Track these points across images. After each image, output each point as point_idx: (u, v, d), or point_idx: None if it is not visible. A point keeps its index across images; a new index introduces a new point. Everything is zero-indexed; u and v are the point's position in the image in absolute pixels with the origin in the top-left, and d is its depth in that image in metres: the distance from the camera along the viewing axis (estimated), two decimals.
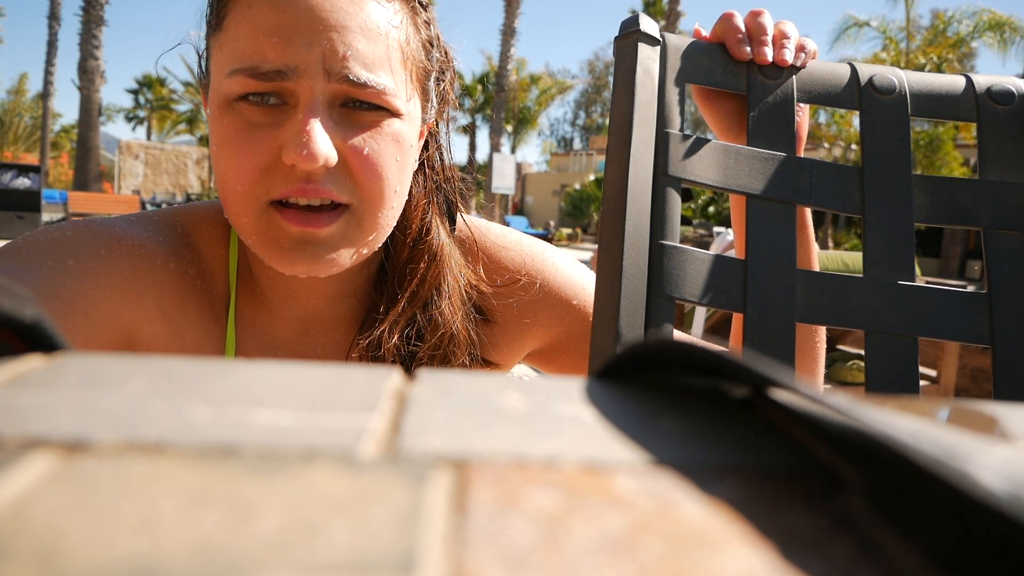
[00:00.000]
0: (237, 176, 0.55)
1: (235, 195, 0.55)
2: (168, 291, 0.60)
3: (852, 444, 0.18)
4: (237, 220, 0.57)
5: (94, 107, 17.57)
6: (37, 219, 11.91)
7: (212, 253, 0.65)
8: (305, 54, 0.53)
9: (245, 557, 0.12)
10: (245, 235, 0.57)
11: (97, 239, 0.58)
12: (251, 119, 0.55)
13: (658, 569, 0.13)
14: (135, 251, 0.59)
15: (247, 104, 0.55)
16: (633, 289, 0.63)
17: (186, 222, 0.65)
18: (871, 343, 0.67)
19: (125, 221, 0.62)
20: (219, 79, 0.56)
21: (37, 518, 0.13)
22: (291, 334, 0.66)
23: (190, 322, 0.62)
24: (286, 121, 0.54)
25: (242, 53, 0.54)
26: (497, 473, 0.16)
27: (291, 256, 0.56)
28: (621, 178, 0.65)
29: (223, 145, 0.55)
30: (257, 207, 0.55)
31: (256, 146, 0.54)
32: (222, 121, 0.55)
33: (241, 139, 0.54)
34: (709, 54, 0.72)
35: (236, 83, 0.54)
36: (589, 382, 0.24)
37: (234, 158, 0.55)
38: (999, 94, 0.73)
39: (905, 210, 0.70)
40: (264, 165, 0.54)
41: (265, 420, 0.18)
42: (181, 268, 0.62)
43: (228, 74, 0.54)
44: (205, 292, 0.63)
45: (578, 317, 0.72)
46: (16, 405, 0.18)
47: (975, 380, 3.39)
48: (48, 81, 23.72)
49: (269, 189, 0.55)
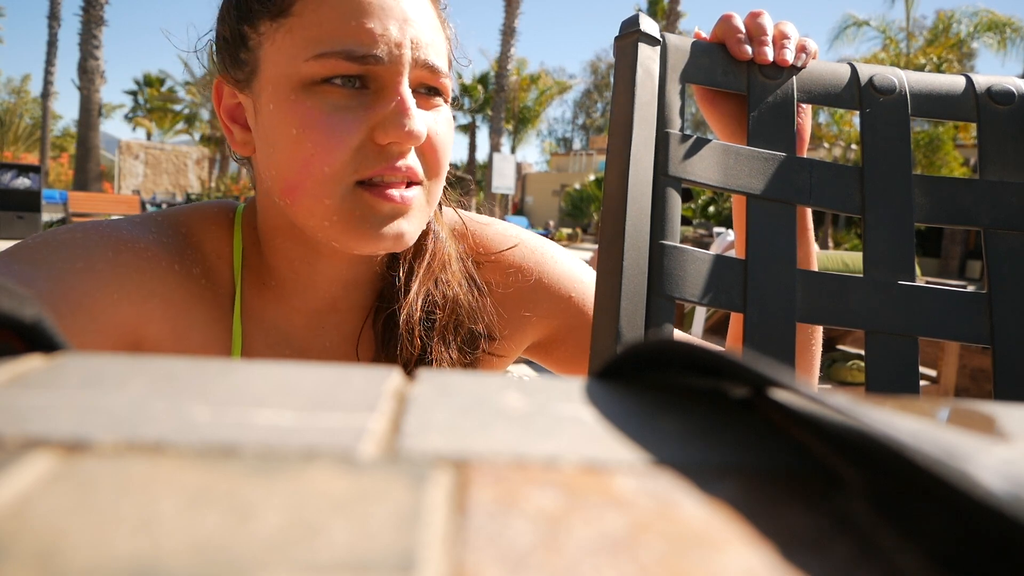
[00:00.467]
0: (326, 158, 0.55)
1: (320, 177, 0.56)
2: (174, 292, 0.61)
3: (852, 444, 0.18)
4: (317, 204, 0.57)
5: (94, 107, 17.57)
6: (37, 219, 11.90)
7: (216, 251, 0.65)
8: (396, 39, 0.55)
9: (245, 557, 0.12)
10: (323, 217, 0.57)
11: (105, 241, 0.59)
12: (338, 101, 0.55)
13: (658, 569, 0.13)
14: (141, 253, 0.60)
15: (332, 86, 0.55)
16: (633, 289, 0.63)
17: (189, 222, 0.66)
18: (871, 343, 0.67)
19: (130, 223, 0.63)
20: (293, 63, 0.56)
21: (37, 518, 0.13)
22: (301, 325, 0.67)
23: (195, 320, 0.62)
24: (374, 103, 0.56)
25: (330, 37, 0.55)
26: (497, 473, 0.16)
27: (380, 232, 0.57)
28: (621, 178, 0.65)
29: (307, 128, 0.55)
30: (344, 188, 0.56)
31: (347, 127, 0.55)
32: (304, 104, 0.55)
33: (330, 121, 0.55)
34: (709, 54, 0.72)
35: (323, 66, 0.55)
36: (589, 382, 0.24)
37: (323, 140, 0.55)
38: (999, 94, 0.73)
39: (905, 210, 0.70)
40: (356, 145, 0.56)
41: (265, 420, 0.18)
42: (185, 268, 0.62)
43: (313, 57, 0.55)
44: (209, 290, 0.64)
45: (576, 311, 0.73)
46: (16, 405, 0.18)
47: (975, 380, 3.39)
48: (48, 81, 23.73)
49: (357, 169, 0.56)
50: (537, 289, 0.72)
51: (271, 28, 0.57)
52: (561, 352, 0.75)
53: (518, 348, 0.74)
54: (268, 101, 0.57)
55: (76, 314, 0.54)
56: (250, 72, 0.59)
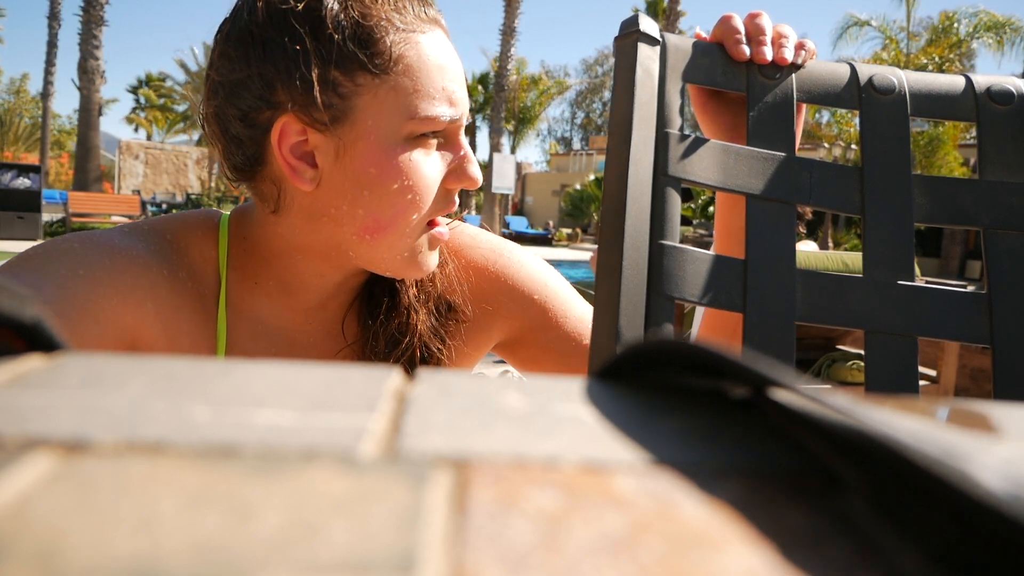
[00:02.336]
0: (421, 204, 0.63)
1: (409, 221, 0.63)
2: (164, 295, 0.65)
3: (852, 444, 0.18)
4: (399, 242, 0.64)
5: (94, 107, 17.56)
6: (37, 219, 11.90)
7: (201, 254, 0.69)
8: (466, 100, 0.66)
9: (245, 557, 0.12)
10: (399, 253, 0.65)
11: (101, 251, 0.63)
12: (430, 154, 0.64)
13: (658, 569, 0.13)
14: (134, 261, 0.64)
15: (426, 139, 0.63)
16: (633, 289, 0.63)
17: (174, 229, 0.70)
18: (871, 343, 0.67)
19: (120, 233, 0.67)
20: (398, 118, 0.61)
21: (37, 518, 0.13)
22: (288, 320, 0.71)
23: (183, 321, 0.66)
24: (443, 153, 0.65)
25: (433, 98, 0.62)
26: (497, 473, 0.16)
27: (430, 261, 0.67)
28: (621, 178, 0.65)
29: (410, 178, 0.62)
30: (422, 229, 0.65)
31: (436, 177, 0.64)
32: (407, 158, 0.62)
33: (428, 174, 0.63)
34: (709, 54, 0.72)
35: (426, 124, 0.62)
36: (589, 382, 0.24)
37: (422, 189, 0.63)
38: (999, 94, 0.73)
39: (905, 210, 0.70)
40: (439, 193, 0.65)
41: (265, 420, 0.18)
42: (173, 272, 0.67)
43: (419, 117, 0.61)
44: (195, 292, 0.68)
45: (538, 312, 0.77)
46: (16, 405, 0.18)
47: (975, 380, 3.39)
48: (48, 81, 23.71)
49: (432, 212, 0.65)
50: (501, 290, 0.76)
51: (372, 82, 0.61)
52: (524, 352, 0.79)
53: (485, 345, 0.79)
54: (366, 149, 0.61)
55: (82, 318, 0.59)
56: (338, 116, 0.61)
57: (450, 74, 0.64)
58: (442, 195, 0.65)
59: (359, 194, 0.62)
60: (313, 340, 0.72)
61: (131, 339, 0.63)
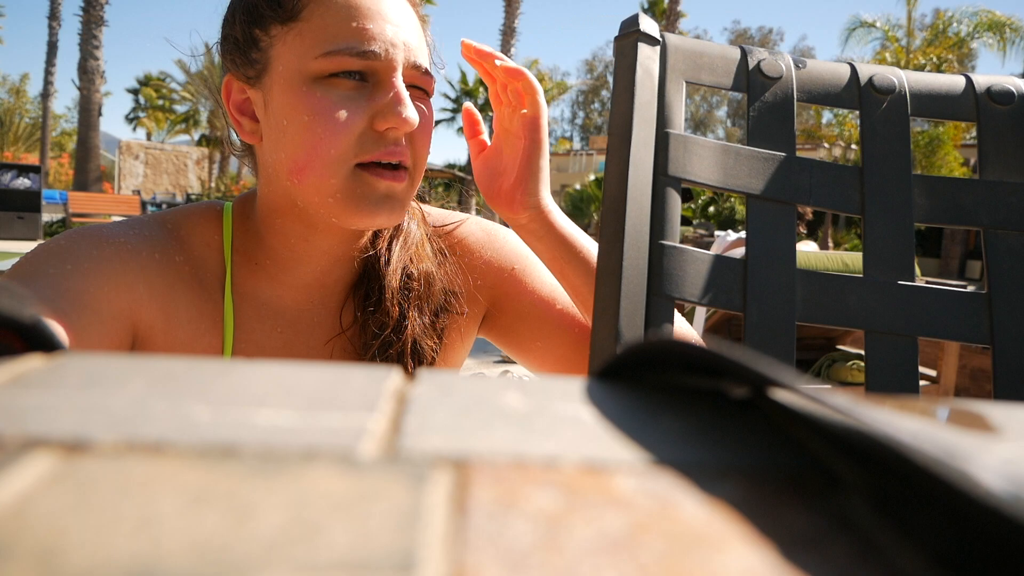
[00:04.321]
0: (332, 142, 0.63)
1: (326, 159, 0.63)
2: (155, 278, 0.67)
3: (852, 444, 0.18)
4: (323, 182, 0.64)
5: (94, 107, 17.56)
6: (37, 219, 11.90)
7: (205, 240, 0.72)
8: (391, 39, 0.64)
9: (245, 557, 0.12)
10: (327, 195, 0.65)
11: (88, 242, 0.66)
12: (343, 92, 0.63)
13: (658, 569, 0.13)
14: (121, 247, 0.67)
15: (338, 79, 0.63)
16: (633, 289, 0.63)
17: (176, 218, 0.73)
18: (871, 343, 0.67)
19: (113, 224, 0.70)
20: (303, 60, 0.63)
21: (37, 518, 0.13)
22: (290, 299, 0.73)
23: (180, 303, 0.69)
24: (373, 94, 0.64)
25: (335, 37, 0.63)
26: (497, 473, 0.16)
27: (376, 208, 0.65)
28: (621, 178, 0.65)
29: (317, 115, 0.63)
30: (346, 169, 0.64)
31: (351, 115, 0.63)
32: (314, 95, 0.63)
33: (336, 110, 0.63)
34: (709, 54, 0.72)
35: (331, 62, 0.63)
36: (589, 382, 0.24)
37: (330, 126, 0.63)
38: (999, 94, 0.73)
39: (905, 210, 0.70)
40: (358, 131, 0.64)
41: (265, 420, 0.18)
42: (167, 257, 0.69)
43: (322, 55, 0.63)
44: (194, 275, 0.70)
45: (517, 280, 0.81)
46: (16, 405, 0.18)
47: (975, 380, 3.39)
48: (48, 81, 23.71)
49: (358, 153, 0.64)
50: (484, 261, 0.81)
51: (281, 31, 0.65)
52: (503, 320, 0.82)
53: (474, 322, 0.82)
54: (280, 93, 0.65)
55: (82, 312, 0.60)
56: (261, 69, 0.66)
57: (362, 12, 0.64)
58: (372, 136, 0.64)
59: (280, 138, 0.65)
60: (317, 319, 0.74)
61: (130, 322, 0.65)
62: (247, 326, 0.71)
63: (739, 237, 3.63)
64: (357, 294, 0.75)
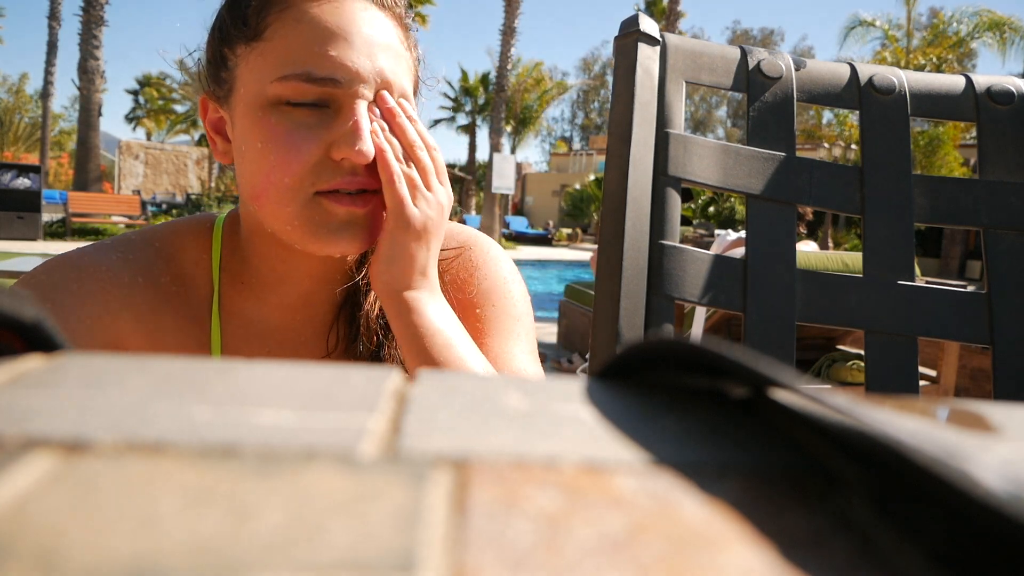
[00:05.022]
0: (286, 170, 0.60)
1: (281, 187, 0.61)
2: (140, 304, 0.67)
3: (852, 444, 0.18)
4: (280, 210, 0.62)
5: (94, 107, 17.57)
6: (37, 219, 11.90)
7: (193, 259, 0.71)
8: (352, 66, 0.61)
9: (245, 557, 0.12)
10: (285, 222, 0.63)
11: (69, 275, 0.65)
12: (299, 119, 0.61)
13: (658, 569, 0.13)
14: (103, 276, 0.66)
15: (294, 106, 0.61)
16: (633, 289, 0.63)
17: (164, 236, 0.72)
18: (871, 343, 0.67)
19: (95, 249, 0.69)
20: (261, 83, 0.61)
21: (37, 518, 0.13)
22: (277, 320, 0.72)
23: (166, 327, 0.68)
24: (332, 123, 0.61)
25: (294, 60, 0.60)
26: (497, 473, 0.16)
27: (335, 237, 0.63)
28: (621, 178, 0.65)
29: (270, 142, 0.61)
30: (303, 197, 0.62)
31: (306, 144, 0.61)
32: (268, 121, 0.61)
33: (291, 137, 0.60)
34: (709, 54, 0.72)
35: (286, 87, 0.60)
36: (589, 382, 0.24)
37: (284, 154, 0.60)
38: (999, 94, 0.73)
39: (905, 210, 0.70)
40: (314, 160, 0.61)
41: (265, 420, 0.18)
42: (152, 279, 0.68)
43: (278, 79, 0.60)
44: (181, 295, 0.69)
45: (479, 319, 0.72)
46: (16, 405, 0.18)
47: (975, 380, 3.39)
48: (48, 81, 23.71)
49: (315, 182, 0.61)
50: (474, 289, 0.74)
51: (246, 51, 0.63)
52: None
53: None
54: (240, 116, 0.63)
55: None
56: (228, 89, 0.65)
57: (326, 35, 0.61)
58: (329, 165, 0.61)
59: (241, 162, 0.64)
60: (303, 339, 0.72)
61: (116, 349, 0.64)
62: (234, 346, 0.70)
63: (739, 237, 3.63)
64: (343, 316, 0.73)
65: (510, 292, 0.74)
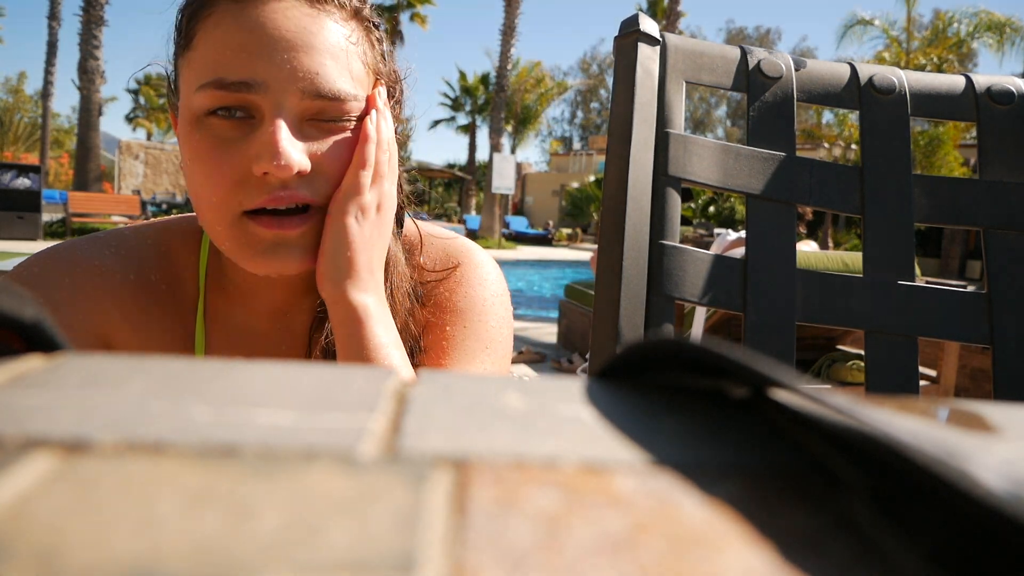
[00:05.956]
0: (212, 189, 0.57)
1: (209, 206, 0.58)
2: (129, 301, 0.66)
3: (852, 444, 0.18)
4: (211, 228, 0.60)
5: (94, 107, 17.56)
6: (37, 219, 11.89)
7: (182, 260, 0.70)
8: (271, 69, 0.56)
9: (245, 557, 0.12)
10: (219, 242, 0.61)
11: (60, 268, 0.64)
12: (221, 133, 0.57)
13: (658, 569, 0.13)
14: (95, 271, 0.65)
15: (216, 119, 0.57)
16: (633, 289, 0.63)
17: (158, 234, 0.71)
18: (871, 343, 0.67)
19: (87, 243, 0.68)
20: (188, 96, 0.58)
21: (37, 518, 0.13)
22: (260, 326, 0.71)
23: (154, 324, 0.67)
24: (253, 134, 0.57)
25: (209, 67, 0.57)
26: (497, 473, 0.16)
27: (264, 259, 0.59)
28: (621, 178, 0.65)
29: (195, 160, 0.58)
30: (231, 217, 0.58)
31: (228, 160, 0.57)
32: (193, 137, 0.58)
33: (213, 154, 0.57)
34: (709, 54, 0.72)
35: (205, 97, 0.56)
36: (589, 382, 0.24)
37: (208, 172, 0.57)
38: (999, 94, 0.73)
39: (905, 210, 0.70)
40: (237, 178, 0.57)
41: (265, 420, 0.18)
42: (143, 276, 0.67)
43: (196, 89, 0.57)
44: (169, 295, 0.68)
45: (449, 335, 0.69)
46: (16, 405, 0.18)
47: (975, 380, 3.39)
48: (48, 81, 23.72)
49: (242, 201, 0.57)
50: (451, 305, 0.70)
51: (183, 62, 0.60)
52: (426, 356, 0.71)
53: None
54: (179, 130, 0.61)
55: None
56: (175, 102, 0.63)
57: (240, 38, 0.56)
58: (255, 182, 0.57)
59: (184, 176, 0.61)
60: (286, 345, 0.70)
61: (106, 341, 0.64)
62: (217, 350, 0.69)
63: (739, 237, 3.64)
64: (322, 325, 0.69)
65: (486, 315, 0.70)
